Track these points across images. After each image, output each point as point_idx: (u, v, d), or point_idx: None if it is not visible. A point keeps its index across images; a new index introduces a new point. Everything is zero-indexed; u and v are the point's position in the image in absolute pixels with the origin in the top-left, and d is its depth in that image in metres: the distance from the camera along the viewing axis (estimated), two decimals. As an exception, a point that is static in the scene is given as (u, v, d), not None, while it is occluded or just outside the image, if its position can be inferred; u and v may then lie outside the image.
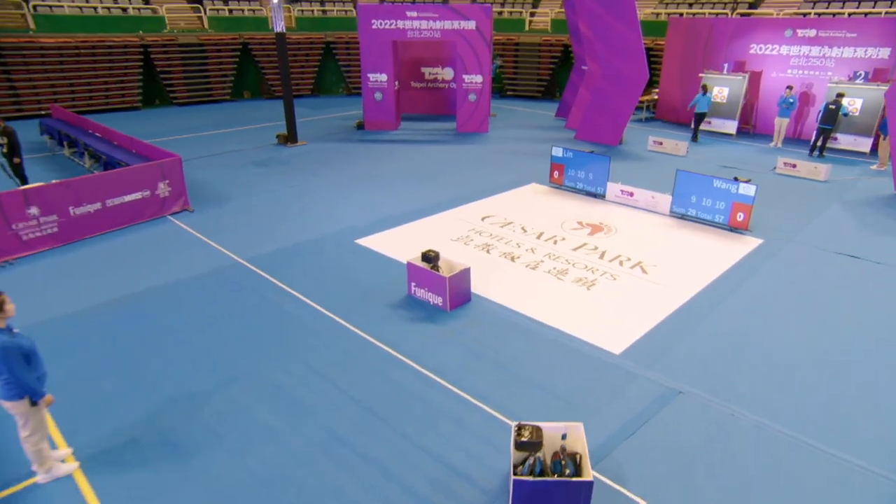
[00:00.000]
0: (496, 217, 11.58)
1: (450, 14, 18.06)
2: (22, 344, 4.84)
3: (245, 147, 17.23)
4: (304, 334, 7.66)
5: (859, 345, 7.42)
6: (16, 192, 9.77)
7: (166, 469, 5.45)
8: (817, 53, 17.44)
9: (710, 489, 5.18)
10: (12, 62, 19.22)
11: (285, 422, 6.04)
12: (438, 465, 5.47)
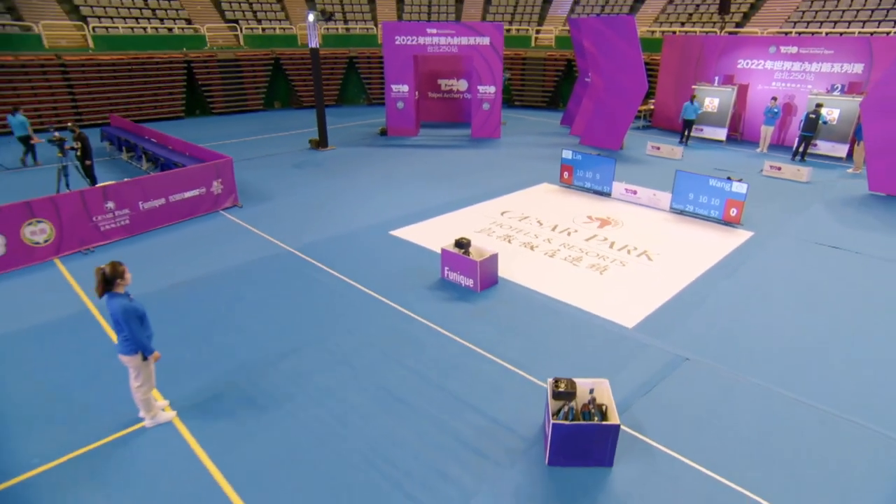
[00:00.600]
0: (514, 212, 11.98)
1: (466, 31, 18.46)
2: (137, 307, 5.30)
3: (281, 151, 17.64)
4: (352, 311, 8.08)
5: (839, 318, 7.83)
6: (96, 189, 10.24)
7: (247, 419, 5.90)
8: (798, 68, 17.74)
9: (716, 436, 5.61)
10: (74, 77, 19.73)
11: (345, 382, 6.48)
12: (481, 417, 5.90)
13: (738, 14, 23.40)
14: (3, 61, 18.23)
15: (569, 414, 5.21)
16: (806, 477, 5.11)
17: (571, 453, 5.15)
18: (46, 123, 18.99)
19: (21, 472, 5.20)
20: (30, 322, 7.76)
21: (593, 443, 5.11)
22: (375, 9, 28.27)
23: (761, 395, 6.23)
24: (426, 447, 5.48)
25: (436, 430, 5.70)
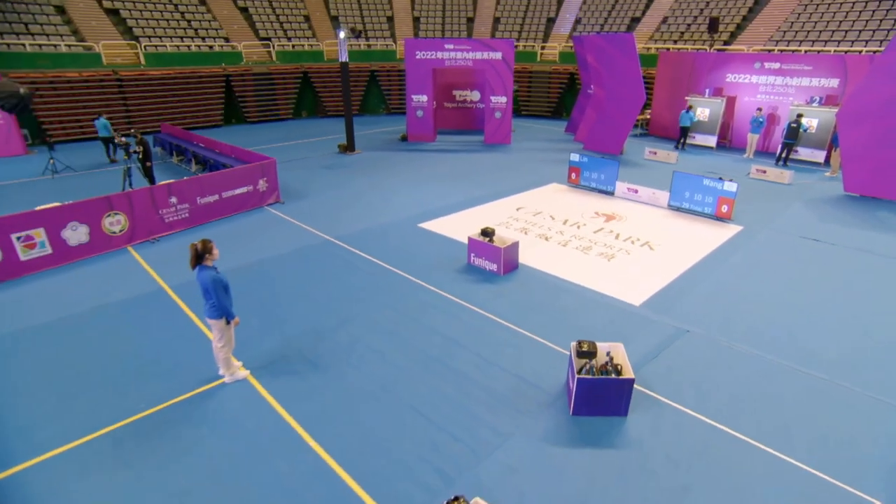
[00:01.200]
0: (527, 208, 12.43)
1: (480, 46, 18.90)
2: (223, 279, 5.81)
3: (312, 155, 18.10)
4: (391, 290, 8.55)
5: (818, 298, 8.25)
6: (162, 186, 10.75)
7: (311, 377, 6.40)
8: (781, 82, 18.05)
9: (713, 392, 6.09)
10: (128, 90, 20.31)
11: (391, 347, 6.98)
12: (511, 377, 6.38)
13: (725, 33, 23.71)
14: (69, 77, 18.88)
15: (590, 371, 5.68)
16: (788, 423, 5.59)
17: (592, 404, 5.63)
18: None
19: (131, 415, 5.73)
20: (116, 297, 8.30)
21: (611, 395, 5.58)
22: (394, 27, 28.76)
23: (751, 360, 6.71)
24: (465, 399, 5.98)
25: (473, 386, 6.19)
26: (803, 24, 21.76)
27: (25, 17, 20.20)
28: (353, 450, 5.24)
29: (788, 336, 7.23)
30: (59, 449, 5.27)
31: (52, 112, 18.45)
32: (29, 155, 17.22)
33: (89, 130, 19.37)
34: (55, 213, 9.31)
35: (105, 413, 5.76)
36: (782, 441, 5.34)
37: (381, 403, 5.92)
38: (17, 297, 8.34)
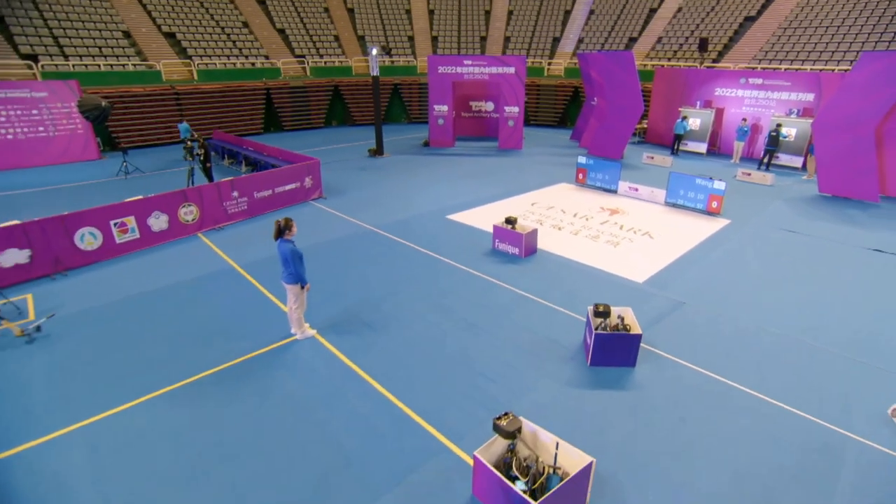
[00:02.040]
0: (541, 203, 13.02)
1: (496, 62, 19.50)
2: (299, 251, 6.48)
3: (346, 158, 18.71)
4: (428, 268, 9.18)
5: (793, 277, 8.79)
6: (226, 182, 11.46)
7: (367, 335, 7.05)
8: (763, 96, 18.47)
9: (706, 349, 6.69)
10: (184, 102, 21.08)
11: (432, 313, 7.61)
12: (537, 337, 7.00)
13: (714, 52, 24.14)
14: (135, 92, 19.70)
15: (604, 329, 6.29)
16: (764, 370, 6.18)
17: (606, 356, 6.24)
18: (164, 138, 20.53)
19: (223, 362, 6.41)
20: (195, 273, 9.01)
21: (622, 348, 6.19)
22: (414, 45, 29.43)
23: (736, 325, 7.30)
24: (499, 353, 6.61)
25: (504, 344, 6.82)
26: (783, 45, 22.20)
27: (99, 42, 21.11)
28: (409, 389, 5.89)
29: (767, 306, 7.80)
30: (173, 385, 5.96)
31: (121, 122, 19.28)
32: (102, 160, 18.01)
33: (152, 138, 20.26)
34: (142, 204, 10.04)
35: (203, 360, 6.45)
36: (759, 383, 5.95)
37: (428, 356, 6.56)
38: (117, 272, 9.08)
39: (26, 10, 20.46)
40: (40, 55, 19.28)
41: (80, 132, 17.71)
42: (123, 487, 4.58)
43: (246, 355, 6.59)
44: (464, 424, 5.33)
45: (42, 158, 17.00)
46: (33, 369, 6.32)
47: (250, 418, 5.45)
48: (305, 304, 6.89)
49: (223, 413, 5.53)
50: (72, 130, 17.57)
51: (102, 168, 16.80)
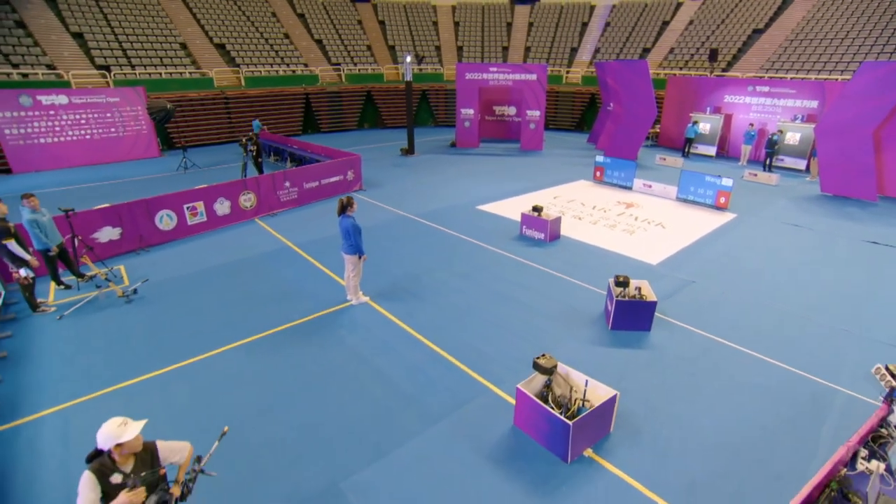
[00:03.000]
0: (562, 197, 13.53)
1: (519, 70, 20.04)
2: (358, 225, 7.13)
3: (380, 157, 19.32)
4: (462, 249, 9.77)
5: (794, 263, 9.17)
6: (279, 173, 12.22)
7: (413, 302, 7.66)
8: (770, 103, 18.66)
9: (712, 318, 7.17)
10: (232, 106, 22.07)
11: (469, 287, 8.21)
12: (563, 306, 7.56)
13: (723, 62, 24.32)
14: (191, 97, 20.74)
15: (624, 297, 6.83)
16: (768, 337, 6.66)
17: (625, 321, 6.78)
18: (214, 139, 21.51)
19: (290, 321, 7.11)
20: (257, 251, 9.75)
21: (639, 313, 6.72)
22: (441, 54, 30.08)
23: (742, 300, 7.76)
24: (530, 318, 7.19)
25: (534, 312, 7.39)
26: (790, 55, 22.31)
27: (160, 53, 22.22)
28: (453, 345, 6.51)
29: (769, 286, 8.25)
30: (251, 337, 6.68)
31: (178, 124, 20.29)
32: (162, 157, 19.00)
33: (205, 138, 21.27)
34: (210, 190, 10.84)
35: (273, 319, 7.16)
36: (760, 347, 6.43)
37: (468, 319, 7.17)
38: (191, 249, 9.88)
39: (101, 26, 21.68)
40: (112, 66, 20.40)
41: (144, 133, 18.71)
42: (220, 412, 5.28)
43: (309, 316, 7.27)
44: (503, 372, 5.93)
45: (112, 156, 18.03)
46: (134, 322, 7.09)
47: (318, 364, 6.12)
48: (361, 274, 7.54)
49: (295, 359, 6.21)
50: (137, 131, 18.58)
51: (163, 164, 17.75)
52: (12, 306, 7.60)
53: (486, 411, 5.31)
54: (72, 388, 5.68)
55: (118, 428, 2.75)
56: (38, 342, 6.63)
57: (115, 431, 2.74)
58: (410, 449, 4.80)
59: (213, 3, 26.65)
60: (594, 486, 4.39)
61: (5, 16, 19.46)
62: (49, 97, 16.47)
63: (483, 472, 4.54)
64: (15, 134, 16.01)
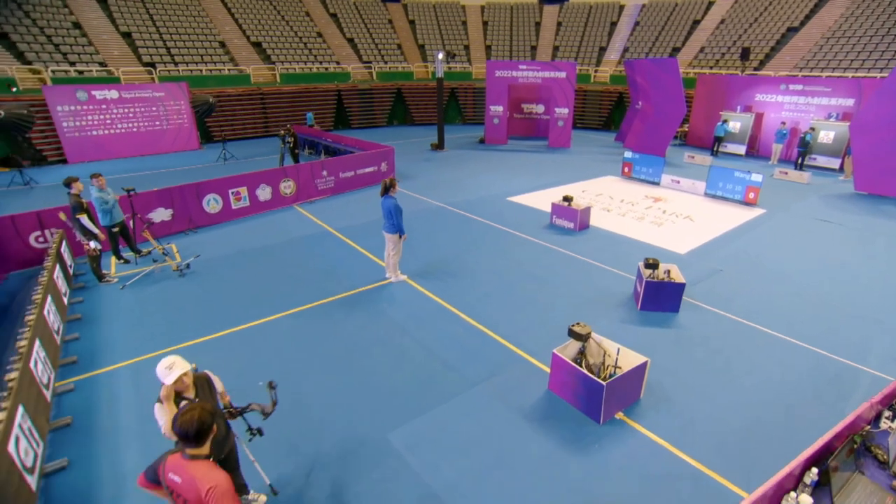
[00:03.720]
0: (590, 191, 13.70)
1: (548, 67, 20.23)
2: (400, 206, 7.50)
3: (410, 151, 19.73)
4: (495, 236, 10.07)
5: (823, 255, 9.20)
6: (318, 162, 12.73)
7: (450, 281, 8.00)
8: (803, 101, 18.39)
9: (739, 303, 7.33)
10: (267, 102, 22.88)
11: (503, 268, 8.51)
12: (594, 288, 7.80)
13: (755, 61, 24.03)
14: (229, 93, 21.62)
15: (653, 279, 7.04)
16: (795, 321, 6.80)
17: (654, 302, 7.00)
18: (250, 133, 22.30)
19: (334, 294, 7.53)
20: (299, 234, 10.24)
21: (668, 295, 6.93)
22: (469, 53, 30.42)
23: (769, 287, 7.88)
24: (563, 298, 7.46)
25: (567, 292, 7.65)
26: (825, 54, 21.94)
27: (200, 51, 23.15)
28: (490, 319, 6.83)
29: (798, 275, 8.33)
30: (299, 308, 7.12)
31: (217, 118, 21.12)
32: (201, 150, 19.81)
33: (242, 132, 22.06)
34: (253, 177, 11.39)
35: (318, 293, 7.60)
36: (786, 329, 6.58)
37: (503, 298, 7.48)
38: (236, 231, 10.44)
39: (147, 26, 22.74)
40: (157, 63, 21.36)
41: (186, 126, 19.53)
42: (273, 371, 5.71)
43: (350, 291, 7.69)
44: (537, 345, 6.22)
45: (157, 147, 18.90)
46: (190, 293, 7.62)
47: (363, 332, 6.52)
48: (401, 252, 7.93)
49: (340, 327, 6.62)
50: (180, 124, 19.41)
51: (203, 156, 18.52)
52: (80, 277, 8.23)
53: (522, 377, 5.62)
54: (140, 345, 6.20)
55: (164, 370, 3.17)
56: (106, 307, 7.20)
57: (161, 372, 3.17)
58: (450, 407, 5.14)
59: (251, 3, 27.54)
60: (626, 444, 4.66)
61: (63, 18, 20.60)
62: (102, 92, 17.38)
63: (519, 427, 4.85)
64: (71, 126, 16.95)
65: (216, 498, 2.37)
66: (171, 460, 2.54)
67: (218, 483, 2.40)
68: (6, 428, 3.68)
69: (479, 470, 4.36)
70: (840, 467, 3.26)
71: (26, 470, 3.85)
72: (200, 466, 2.47)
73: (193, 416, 2.47)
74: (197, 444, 2.48)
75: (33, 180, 14.23)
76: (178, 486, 2.47)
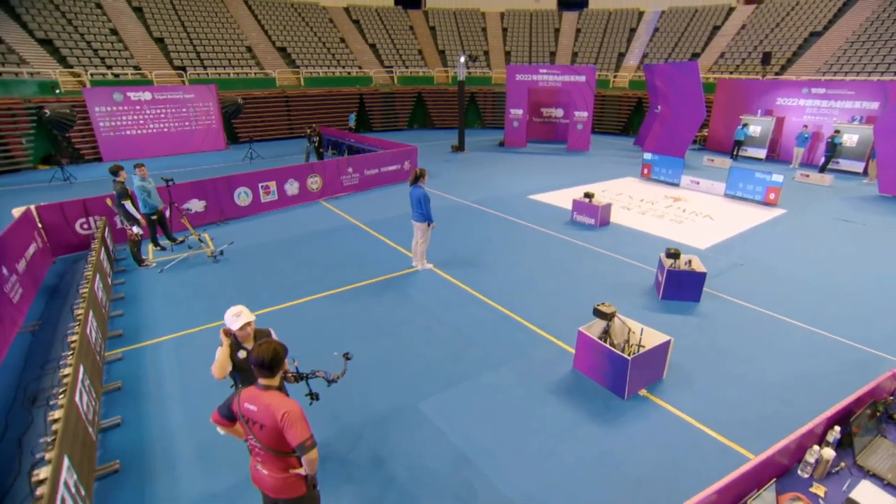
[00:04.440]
0: (610, 191, 13.79)
1: (568, 71, 20.42)
2: (428, 195, 7.74)
3: (431, 152, 19.93)
4: (518, 231, 10.26)
5: (845, 252, 9.19)
6: (343, 159, 13.09)
7: (474, 270, 8.20)
8: (826, 105, 18.22)
9: (763, 295, 7.39)
10: (292, 104, 23.49)
11: (526, 260, 8.68)
12: (616, 278, 7.93)
13: (777, 66, 23.90)
14: (255, 95, 22.27)
15: (675, 268, 7.16)
16: (816, 312, 6.85)
17: (676, 291, 7.11)
18: (275, 135, 22.88)
19: (365, 279, 7.78)
20: (327, 226, 10.56)
21: (689, 284, 7.04)
22: (489, 59, 30.76)
23: (791, 280, 7.92)
24: (585, 287, 7.61)
25: (589, 283, 7.80)
26: (849, 58, 21.74)
27: (228, 55, 23.93)
28: (515, 305, 7.01)
29: (820, 270, 8.35)
30: (331, 291, 7.38)
31: (244, 120, 21.73)
32: (227, 150, 20.38)
33: (267, 133, 22.65)
34: (281, 172, 11.77)
35: (349, 278, 7.87)
36: (808, 319, 6.63)
37: (526, 285, 7.66)
38: (266, 223, 10.82)
39: (178, 32, 23.58)
40: (187, 66, 22.10)
41: (214, 127, 20.15)
42: (310, 348, 5.96)
43: (379, 277, 7.95)
44: (562, 328, 6.38)
45: (186, 147, 19.52)
46: (225, 277, 7.96)
47: (392, 314, 6.76)
48: (429, 241, 8.16)
49: (371, 309, 6.87)
50: (208, 125, 20.03)
51: (230, 156, 19.06)
52: (120, 262, 8.63)
53: (548, 357, 5.79)
54: (180, 322, 6.52)
55: (231, 316, 3.45)
56: (147, 288, 7.55)
57: (229, 318, 3.45)
58: (479, 381, 5.33)
59: (276, 10, 28.31)
60: (649, 418, 4.80)
61: (102, 25, 21.50)
62: (136, 94, 18.05)
63: (546, 401, 5.02)
64: (107, 126, 17.63)
65: (290, 421, 2.61)
66: (246, 393, 2.77)
67: (291, 408, 2.65)
68: (73, 381, 3.98)
69: (507, 435, 4.54)
70: (862, 431, 3.37)
71: (88, 422, 4.14)
72: (274, 395, 2.71)
73: (269, 347, 2.71)
74: (271, 373, 2.72)
75: (73, 176, 14.83)
76: (254, 414, 2.70)
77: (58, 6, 21.14)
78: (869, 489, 2.98)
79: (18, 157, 16.13)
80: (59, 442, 3.26)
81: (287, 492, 2.85)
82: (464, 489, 3.95)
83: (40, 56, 18.75)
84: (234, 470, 4.10)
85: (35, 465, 4.00)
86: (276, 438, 2.68)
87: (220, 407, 2.89)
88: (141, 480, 4.04)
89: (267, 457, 2.78)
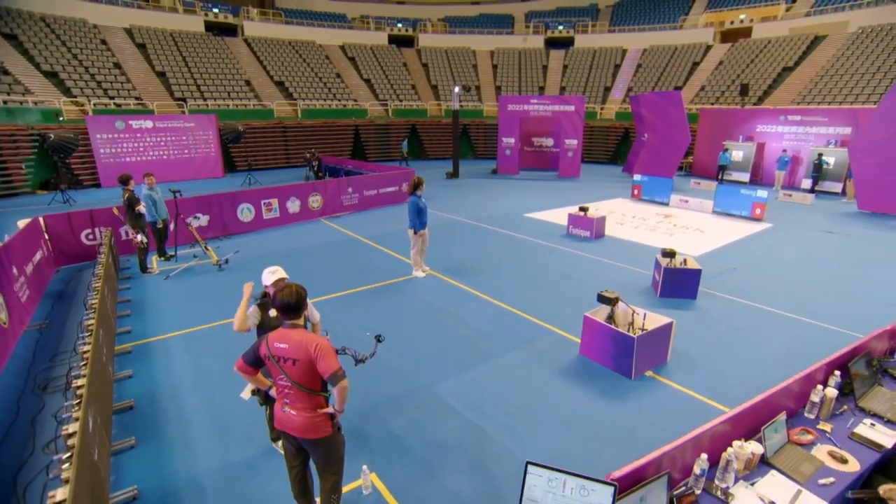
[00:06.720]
0: (602, 210, 14.00)
1: (558, 101, 21.25)
2: (420, 205, 7.93)
3: (428, 179, 19.75)
4: (517, 243, 10.51)
5: (829, 258, 9.54)
6: (343, 180, 13.41)
7: (474, 275, 8.38)
8: (802, 130, 19.20)
9: (756, 292, 7.64)
10: (289, 135, 24.06)
11: (527, 268, 8.91)
12: (611, 280, 8.15)
13: (754, 97, 25.08)
14: (254, 126, 22.82)
15: (671, 266, 7.40)
16: (806, 305, 7.09)
17: (673, 288, 7.33)
18: (273, 164, 23.30)
19: (367, 283, 7.92)
20: (330, 240, 10.75)
21: (686, 282, 7.28)
22: (480, 93, 31.89)
23: (781, 280, 8.20)
24: (586, 288, 7.79)
25: (589, 285, 7.98)
26: (820, 89, 22.94)
27: (227, 88, 24.68)
28: (518, 303, 7.18)
29: (807, 273, 8.66)
30: (338, 293, 7.50)
31: (241, 149, 22.17)
32: (225, 178, 20.68)
33: (265, 162, 23.05)
34: (284, 189, 12.03)
35: (352, 282, 8.01)
36: (798, 311, 6.86)
37: (527, 287, 7.84)
38: (268, 238, 10.99)
39: (180, 66, 24.35)
40: (188, 98, 22.69)
41: (212, 155, 20.52)
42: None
43: (383, 282, 8.10)
44: (566, 322, 6.54)
45: (185, 174, 19.79)
46: (232, 282, 8.06)
47: (400, 310, 6.89)
48: (423, 249, 8.33)
49: (379, 307, 6.99)
50: (207, 153, 20.40)
51: (228, 182, 19.31)
52: (125, 269, 8.70)
53: (554, 345, 5.93)
54: (189, 320, 6.59)
55: (268, 273, 3.67)
56: (154, 293, 7.62)
57: (265, 276, 3.67)
58: (490, 366, 5.45)
59: (274, 48, 29.35)
60: (658, 395, 4.92)
61: (106, 59, 22.15)
62: (138, 122, 18.45)
63: (556, 381, 5.13)
64: (108, 153, 17.91)
65: (322, 352, 2.74)
66: (273, 335, 2.89)
67: (322, 341, 2.78)
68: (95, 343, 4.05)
69: (520, 408, 4.64)
70: (861, 381, 3.55)
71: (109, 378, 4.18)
72: (303, 331, 2.84)
73: (292, 290, 2.86)
74: (296, 314, 2.86)
75: (72, 199, 14.96)
76: (285, 352, 2.82)
77: (64, 42, 21.80)
78: (871, 426, 3.14)
79: (17, 182, 16.26)
80: (85, 402, 3.32)
81: (314, 431, 2.93)
82: (480, 458, 4.02)
83: (45, 87, 19.19)
84: (251, 445, 4.14)
85: (62, 422, 4.04)
86: (308, 373, 2.80)
87: (245, 354, 2.96)
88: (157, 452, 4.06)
89: (297, 395, 2.87)
